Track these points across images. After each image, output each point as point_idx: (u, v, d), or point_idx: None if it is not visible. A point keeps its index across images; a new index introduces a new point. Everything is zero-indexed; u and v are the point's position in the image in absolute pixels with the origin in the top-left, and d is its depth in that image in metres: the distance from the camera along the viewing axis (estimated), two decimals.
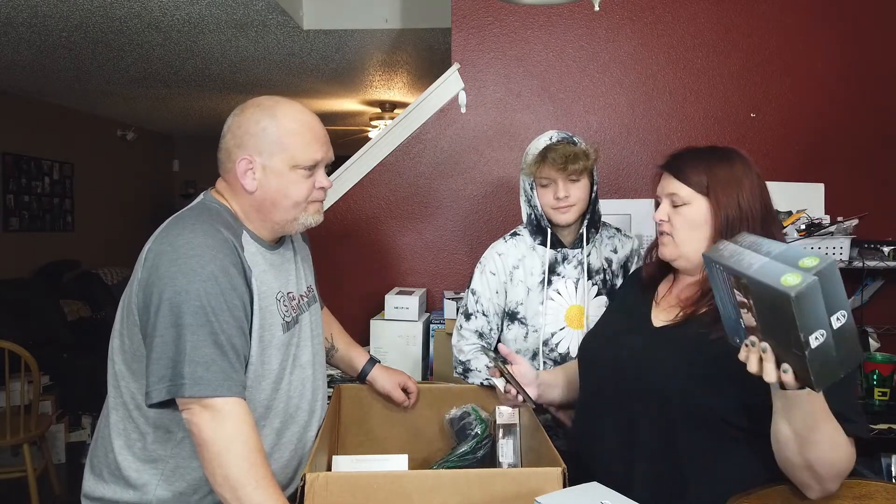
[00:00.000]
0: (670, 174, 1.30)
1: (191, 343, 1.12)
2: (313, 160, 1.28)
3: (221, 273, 1.17)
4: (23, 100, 5.91)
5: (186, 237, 1.18)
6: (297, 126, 1.27)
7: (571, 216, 1.72)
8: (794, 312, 0.82)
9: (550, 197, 1.71)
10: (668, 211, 1.30)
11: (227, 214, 1.28)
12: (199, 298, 1.13)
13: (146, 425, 1.23)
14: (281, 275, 1.34)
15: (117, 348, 1.26)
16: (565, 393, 1.50)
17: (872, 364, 2.20)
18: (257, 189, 1.27)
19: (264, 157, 1.25)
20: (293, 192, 1.27)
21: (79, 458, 4.21)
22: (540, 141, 1.74)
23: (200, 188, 1.43)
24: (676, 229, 1.29)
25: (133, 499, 1.23)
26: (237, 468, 1.10)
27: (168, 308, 1.13)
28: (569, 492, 1.05)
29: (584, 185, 1.72)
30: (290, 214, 1.30)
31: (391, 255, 2.70)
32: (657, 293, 1.38)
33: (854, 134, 2.56)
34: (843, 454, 1.04)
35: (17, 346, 3.29)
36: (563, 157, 1.65)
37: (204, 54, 4.39)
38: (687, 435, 1.18)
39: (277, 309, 1.29)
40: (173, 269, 1.15)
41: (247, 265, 1.23)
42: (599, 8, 1.56)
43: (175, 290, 1.13)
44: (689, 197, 1.27)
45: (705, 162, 1.28)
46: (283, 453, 1.33)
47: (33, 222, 6.10)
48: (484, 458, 1.52)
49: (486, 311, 1.83)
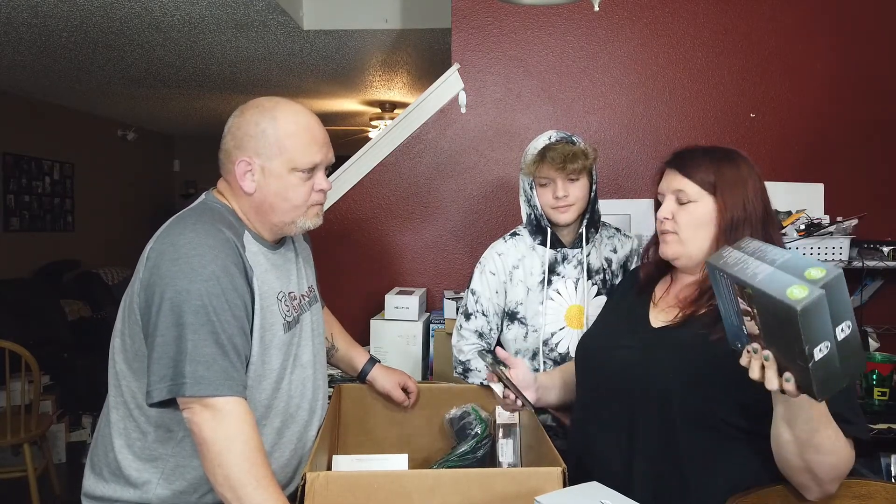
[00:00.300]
0: (677, 171, 1.29)
1: (192, 342, 1.13)
2: (312, 163, 1.27)
3: (223, 273, 1.17)
4: (23, 100, 5.91)
5: (188, 237, 1.18)
6: (295, 128, 1.26)
7: (570, 216, 1.72)
8: (800, 326, 0.82)
9: (549, 196, 1.71)
10: (673, 208, 1.28)
11: (229, 214, 1.28)
12: (200, 298, 1.13)
13: (147, 424, 1.23)
14: (282, 275, 1.34)
15: (118, 348, 1.26)
16: (562, 395, 1.49)
17: (872, 364, 2.20)
18: (256, 191, 1.27)
19: (263, 159, 1.25)
20: (292, 194, 1.27)
21: (79, 457, 4.21)
22: (539, 141, 1.74)
23: (201, 188, 1.43)
24: (681, 227, 1.27)
25: (133, 497, 1.24)
26: (237, 468, 1.10)
27: (169, 307, 1.14)
28: (568, 491, 1.05)
29: (583, 185, 1.72)
30: (289, 217, 1.29)
31: (391, 255, 2.70)
32: (654, 294, 1.37)
33: (854, 134, 2.56)
34: (843, 457, 1.04)
35: (17, 346, 3.29)
36: (561, 156, 1.66)
37: (204, 54, 4.39)
38: (686, 435, 1.18)
39: (279, 309, 1.29)
40: (175, 268, 1.15)
41: (248, 265, 1.23)
42: (599, 8, 1.57)
43: (176, 290, 1.14)
44: (696, 194, 1.26)
45: (713, 161, 1.27)
46: (284, 452, 1.34)
47: (33, 222, 6.10)
48: (484, 458, 1.52)
49: (486, 311, 1.83)
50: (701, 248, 1.27)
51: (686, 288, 1.32)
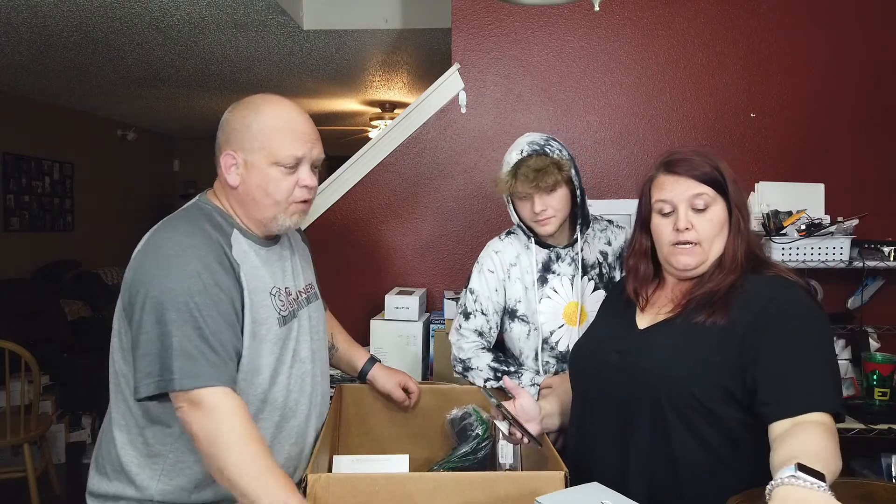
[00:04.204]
0: (688, 176, 1.24)
1: (177, 338, 1.13)
2: (293, 157, 1.27)
3: (205, 270, 1.18)
4: (23, 100, 5.91)
5: (171, 237, 1.21)
6: (278, 123, 1.27)
7: (552, 227, 1.71)
8: None
9: (529, 210, 1.70)
10: (692, 217, 1.24)
11: (218, 214, 1.30)
12: (182, 295, 1.15)
13: (144, 420, 1.25)
14: (275, 271, 1.35)
15: (116, 347, 1.28)
16: (562, 420, 1.47)
17: (872, 364, 2.20)
18: (240, 184, 1.28)
19: (246, 153, 1.27)
20: (273, 189, 1.27)
21: (79, 458, 4.22)
22: (511, 154, 1.71)
23: (201, 188, 1.44)
24: (705, 236, 1.24)
25: (136, 494, 1.25)
26: (231, 459, 1.10)
27: (151, 306, 1.15)
28: (569, 492, 1.06)
29: (562, 195, 1.69)
30: (270, 212, 1.30)
31: (391, 255, 2.70)
32: (642, 299, 1.35)
33: (854, 134, 2.56)
34: (838, 467, 1.01)
35: (17, 346, 3.29)
36: (533, 172, 1.63)
37: (204, 54, 4.38)
38: (679, 437, 1.18)
39: (272, 303, 1.30)
40: (156, 268, 1.17)
41: (234, 261, 1.25)
42: (599, 8, 1.56)
43: (160, 289, 1.15)
44: (713, 197, 1.24)
45: (711, 161, 1.26)
46: (283, 447, 1.34)
47: (33, 222, 6.10)
48: (485, 459, 1.52)
49: (486, 310, 1.83)
50: (717, 252, 1.26)
51: (682, 283, 1.31)
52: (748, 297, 1.20)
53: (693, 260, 1.25)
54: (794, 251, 2.28)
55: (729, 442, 1.17)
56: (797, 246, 2.28)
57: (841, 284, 2.51)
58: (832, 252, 2.29)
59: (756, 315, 1.16)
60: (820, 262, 2.29)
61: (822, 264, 2.29)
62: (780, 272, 1.24)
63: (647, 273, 1.35)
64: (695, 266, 1.26)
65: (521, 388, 1.38)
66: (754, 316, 1.16)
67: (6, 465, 3.73)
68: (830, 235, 2.29)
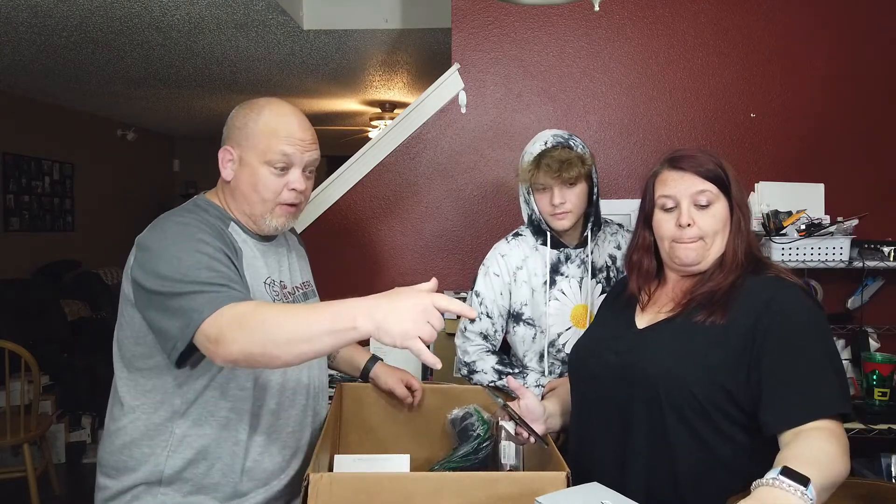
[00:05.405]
0: (692, 172, 1.25)
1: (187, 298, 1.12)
2: (283, 160, 1.30)
3: (210, 238, 1.22)
4: (23, 100, 5.90)
5: (174, 221, 1.26)
6: (275, 125, 1.31)
7: (568, 222, 1.71)
8: None
9: (547, 203, 1.70)
10: (694, 213, 1.25)
11: (216, 210, 1.34)
12: (191, 258, 1.17)
13: (149, 401, 1.27)
14: (271, 263, 1.38)
15: (121, 338, 1.30)
16: (564, 420, 1.47)
17: (872, 364, 2.20)
18: (233, 179, 1.33)
19: (242, 150, 1.32)
20: (261, 187, 1.31)
21: (79, 458, 4.22)
22: (535, 145, 1.72)
23: (201, 188, 1.46)
24: (708, 233, 1.24)
25: (143, 477, 1.26)
26: (289, 322, 1.04)
27: (162, 276, 1.16)
28: (569, 492, 1.06)
29: (581, 190, 1.69)
30: (258, 209, 1.33)
31: (391, 255, 2.70)
32: (642, 299, 1.36)
33: (854, 134, 2.56)
34: (840, 471, 1.02)
35: (17, 346, 3.29)
36: (557, 163, 1.63)
37: (204, 54, 4.38)
38: (678, 437, 1.18)
39: (266, 292, 1.33)
40: (162, 244, 1.20)
41: (237, 246, 1.29)
42: (599, 8, 1.56)
43: (167, 261, 1.17)
44: (715, 195, 1.24)
45: (715, 159, 1.27)
46: (280, 435, 1.35)
47: (33, 222, 6.10)
48: (486, 459, 1.52)
49: (491, 313, 1.83)
50: (719, 249, 1.26)
51: (683, 281, 1.31)
52: (748, 297, 1.20)
53: (695, 254, 1.25)
54: (794, 251, 2.28)
55: (728, 442, 1.17)
56: (797, 246, 2.28)
57: (841, 284, 2.51)
58: (832, 252, 2.29)
59: (757, 315, 1.16)
60: (820, 262, 2.29)
61: (822, 264, 2.30)
62: (779, 273, 1.24)
63: (650, 268, 1.36)
64: (697, 261, 1.26)
65: (524, 388, 1.38)
66: (755, 316, 1.16)
67: (6, 465, 3.73)
68: (830, 235, 2.29)
